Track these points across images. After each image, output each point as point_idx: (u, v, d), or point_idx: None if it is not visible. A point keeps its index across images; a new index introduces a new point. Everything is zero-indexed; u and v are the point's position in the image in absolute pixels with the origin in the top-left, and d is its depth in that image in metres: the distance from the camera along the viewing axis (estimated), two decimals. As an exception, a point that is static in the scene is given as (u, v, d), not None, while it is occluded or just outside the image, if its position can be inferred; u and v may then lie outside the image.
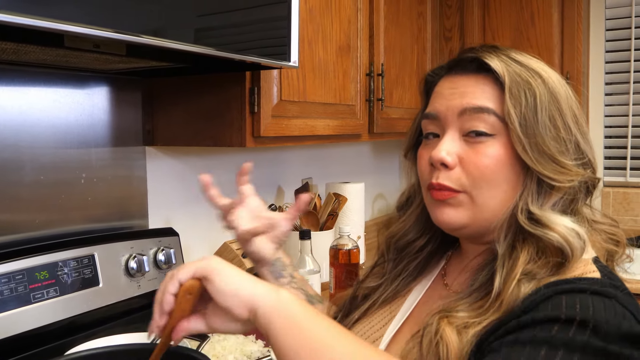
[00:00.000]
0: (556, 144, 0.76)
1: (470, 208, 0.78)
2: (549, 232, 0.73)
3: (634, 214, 2.63)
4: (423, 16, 2.23)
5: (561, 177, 0.75)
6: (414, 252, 0.91)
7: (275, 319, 0.64)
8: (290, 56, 1.25)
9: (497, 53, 0.80)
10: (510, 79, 0.77)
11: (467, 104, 0.78)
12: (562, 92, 0.79)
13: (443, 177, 0.78)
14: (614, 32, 2.67)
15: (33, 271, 1.14)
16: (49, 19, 0.76)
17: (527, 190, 0.76)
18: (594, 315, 0.63)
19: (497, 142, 0.77)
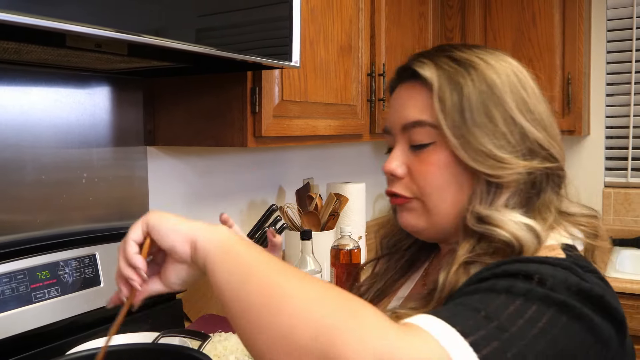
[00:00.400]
0: (493, 139, 0.75)
1: (424, 212, 0.81)
2: (495, 229, 0.73)
3: (635, 214, 2.63)
4: (424, 16, 2.23)
5: (501, 172, 0.74)
6: (402, 250, 0.94)
7: (213, 249, 0.65)
8: (292, 56, 1.25)
9: (435, 56, 0.81)
10: (439, 84, 0.77)
11: (405, 120, 0.81)
12: (504, 82, 0.77)
13: (395, 186, 0.83)
14: (615, 32, 2.67)
15: (34, 271, 1.14)
16: (50, 19, 0.76)
17: (476, 191, 0.77)
18: (541, 270, 0.63)
19: (437, 148, 0.78)
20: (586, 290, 0.62)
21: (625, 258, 2.42)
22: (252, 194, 1.94)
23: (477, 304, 0.60)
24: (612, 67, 2.68)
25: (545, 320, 0.58)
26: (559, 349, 0.58)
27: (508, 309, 0.59)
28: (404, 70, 0.84)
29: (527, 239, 0.72)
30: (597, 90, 2.69)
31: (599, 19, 2.66)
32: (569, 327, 0.59)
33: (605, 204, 2.68)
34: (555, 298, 0.60)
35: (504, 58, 0.81)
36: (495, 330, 0.56)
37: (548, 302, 0.60)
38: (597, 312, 0.62)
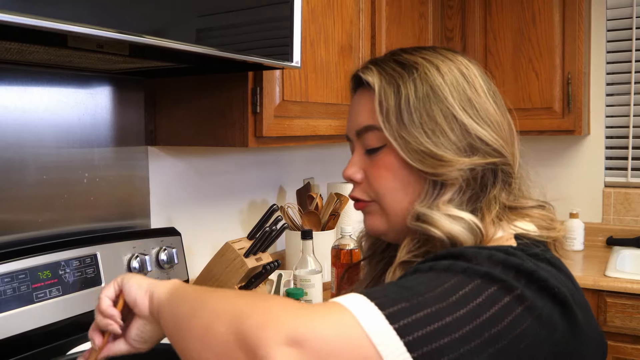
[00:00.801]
0: (433, 137, 0.76)
1: (383, 214, 0.83)
2: (427, 226, 0.74)
3: (635, 214, 2.63)
4: (425, 16, 2.23)
5: (442, 170, 0.75)
6: (379, 252, 0.95)
7: (164, 295, 0.72)
8: (293, 56, 1.25)
9: (384, 61, 0.82)
10: (380, 88, 0.79)
11: (357, 126, 0.83)
12: (446, 81, 0.78)
13: (355, 191, 0.85)
14: (615, 32, 2.67)
15: (36, 271, 1.15)
16: (53, 20, 0.76)
17: (423, 190, 0.78)
18: (465, 251, 0.65)
19: (388, 151, 0.80)
20: (514, 264, 0.62)
21: (625, 258, 2.42)
22: (253, 193, 1.95)
23: (399, 282, 0.63)
24: (612, 67, 2.68)
25: (469, 289, 0.59)
26: (483, 318, 0.57)
27: (429, 281, 0.60)
28: (354, 77, 0.86)
29: (462, 233, 0.72)
30: (597, 90, 2.69)
31: (599, 19, 2.66)
32: (494, 297, 0.59)
33: (605, 203, 2.68)
34: (478, 270, 0.61)
35: (454, 57, 0.81)
36: (415, 303, 0.57)
37: (470, 274, 0.61)
38: (528, 286, 0.61)
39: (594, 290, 2.05)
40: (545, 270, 0.65)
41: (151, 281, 0.77)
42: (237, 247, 1.53)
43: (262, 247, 1.56)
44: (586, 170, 2.72)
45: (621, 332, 2.03)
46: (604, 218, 2.69)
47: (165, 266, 1.40)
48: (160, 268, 1.40)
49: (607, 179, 2.72)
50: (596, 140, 2.71)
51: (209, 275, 1.54)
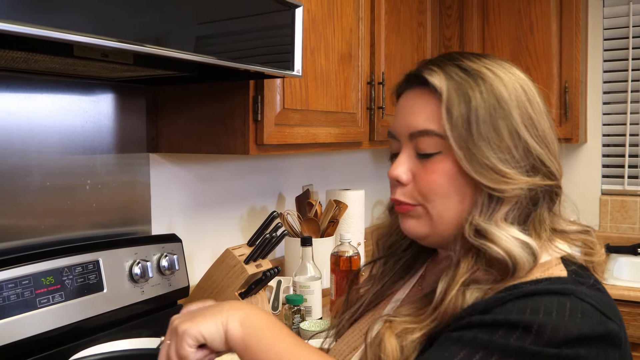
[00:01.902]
0: (498, 152, 0.75)
1: (428, 219, 0.81)
2: (490, 244, 0.73)
3: (631, 221, 2.65)
4: (423, 25, 2.25)
5: (504, 186, 0.75)
6: (400, 252, 0.94)
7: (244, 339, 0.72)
8: (294, 65, 1.27)
9: (445, 65, 0.80)
10: (448, 94, 0.77)
11: (413, 129, 0.81)
12: (511, 96, 0.78)
13: (399, 193, 0.83)
14: (611, 41, 2.69)
15: (39, 276, 1.16)
16: (59, 30, 0.78)
17: (477, 202, 0.77)
18: (541, 320, 0.65)
19: (443, 158, 0.79)
20: (593, 335, 0.66)
21: (622, 265, 2.44)
22: (253, 200, 1.96)
23: None
24: (608, 75, 2.71)
25: None
26: None
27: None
28: (414, 77, 0.83)
29: (522, 257, 0.72)
30: (594, 98, 2.71)
31: (596, 28, 2.69)
32: None
33: (602, 211, 2.70)
34: (547, 353, 0.64)
35: (512, 70, 0.81)
36: None
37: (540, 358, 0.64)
38: (604, 347, 0.66)
39: (591, 297, 2.06)
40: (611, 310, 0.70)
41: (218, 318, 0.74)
42: (237, 253, 1.54)
43: (262, 253, 1.57)
44: (583, 178, 2.74)
45: (618, 339, 2.04)
46: (601, 225, 2.70)
47: (166, 272, 1.41)
48: (161, 274, 1.41)
49: (604, 187, 2.74)
50: (593, 148, 2.74)
51: (210, 281, 1.55)
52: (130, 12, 0.90)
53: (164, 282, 1.41)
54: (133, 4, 0.90)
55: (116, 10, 0.87)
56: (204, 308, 0.77)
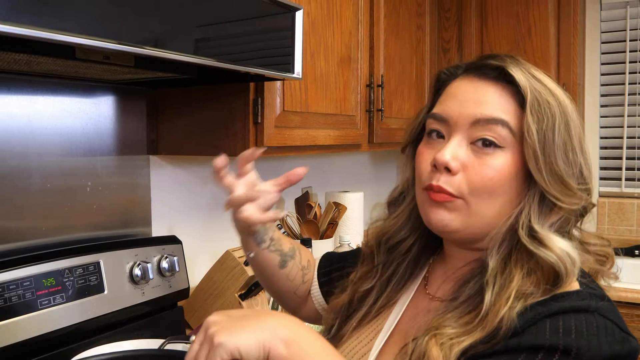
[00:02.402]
0: (566, 166, 0.76)
1: (465, 214, 0.78)
2: (548, 252, 0.73)
3: (628, 224, 2.66)
4: (422, 28, 2.26)
5: (567, 199, 0.76)
6: (403, 253, 0.91)
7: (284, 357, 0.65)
8: (294, 68, 1.27)
9: (520, 66, 0.79)
10: (532, 95, 0.76)
11: (481, 115, 0.77)
12: (573, 116, 0.79)
13: (444, 181, 0.77)
14: (609, 44, 2.71)
15: (40, 278, 1.16)
16: (61, 32, 0.78)
17: (529, 205, 0.76)
18: (577, 341, 0.66)
19: (504, 155, 0.77)
20: (617, 354, 0.68)
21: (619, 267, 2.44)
22: (252, 202, 1.96)
23: None
24: (606, 78, 2.72)
25: None
26: None
27: None
28: (492, 68, 0.80)
29: (570, 269, 0.73)
30: (592, 101, 2.73)
31: (593, 32, 2.70)
32: None
33: (599, 213, 2.71)
34: None
35: (563, 91, 0.82)
36: None
37: None
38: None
39: (589, 299, 2.07)
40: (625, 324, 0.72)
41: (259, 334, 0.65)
42: (237, 255, 1.55)
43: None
44: (581, 180, 2.75)
45: (616, 341, 2.06)
46: (599, 228, 2.71)
47: (167, 274, 1.42)
48: (161, 276, 1.41)
49: (601, 189, 2.75)
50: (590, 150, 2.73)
51: (210, 282, 1.56)
52: (132, 15, 0.91)
53: (164, 283, 1.42)
54: (135, 6, 0.91)
55: (118, 12, 0.88)
56: (243, 316, 0.68)
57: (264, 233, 1.01)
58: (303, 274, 1.09)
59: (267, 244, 1.02)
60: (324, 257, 1.14)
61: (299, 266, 1.08)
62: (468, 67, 0.83)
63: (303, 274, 1.09)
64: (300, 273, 1.09)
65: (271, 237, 1.02)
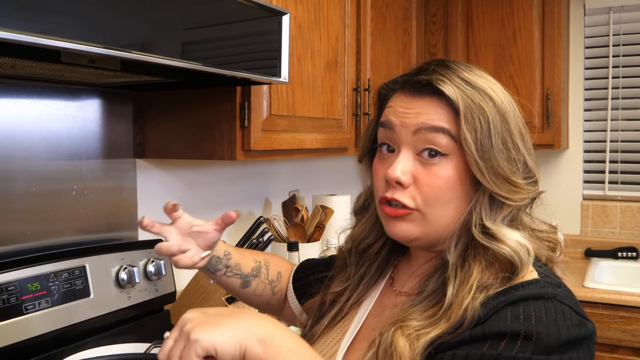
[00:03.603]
0: (509, 164, 0.79)
1: (422, 224, 0.82)
2: (502, 245, 0.77)
3: (611, 226, 2.69)
4: (408, 32, 2.28)
5: (515, 195, 0.79)
6: (374, 255, 0.95)
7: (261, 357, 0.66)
8: (281, 72, 1.28)
9: (449, 75, 0.81)
10: (464, 104, 0.78)
11: (422, 123, 0.80)
12: (510, 111, 0.81)
13: (400, 194, 0.81)
14: (592, 49, 2.74)
15: (25, 282, 1.15)
16: (47, 36, 0.78)
17: (480, 205, 0.80)
18: (537, 326, 0.69)
19: (449, 163, 0.80)
20: (575, 337, 0.71)
21: (602, 269, 2.48)
22: (239, 206, 1.96)
23: None
24: (589, 83, 2.76)
25: None
26: None
27: None
28: (423, 85, 0.82)
29: (524, 260, 0.77)
30: (576, 105, 2.76)
31: (577, 37, 2.73)
32: None
33: (583, 215, 2.74)
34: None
35: (498, 84, 0.84)
36: None
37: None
38: (584, 348, 0.72)
39: (573, 301, 2.10)
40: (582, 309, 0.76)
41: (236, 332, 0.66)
42: (224, 258, 1.54)
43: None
44: (565, 184, 2.78)
45: (599, 342, 2.08)
46: (582, 230, 2.75)
47: (153, 278, 1.41)
48: (148, 280, 1.41)
49: (585, 192, 2.78)
50: (575, 154, 2.78)
51: (196, 286, 1.55)
52: (118, 19, 0.91)
53: (150, 287, 1.41)
54: (120, 10, 0.91)
55: (104, 16, 0.88)
56: (220, 314, 0.68)
57: (216, 264, 1.04)
58: (272, 287, 1.12)
59: (223, 271, 1.05)
60: (300, 265, 1.18)
61: (265, 282, 1.11)
62: (402, 84, 0.86)
63: (272, 287, 1.12)
64: (268, 287, 1.12)
65: (226, 265, 1.05)
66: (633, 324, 2.03)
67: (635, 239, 2.64)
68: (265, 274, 1.12)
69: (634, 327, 2.03)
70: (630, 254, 2.53)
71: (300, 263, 1.19)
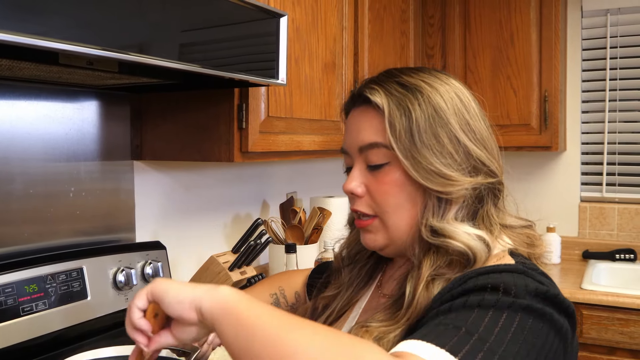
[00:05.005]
0: (441, 158, 0.81)
1: (384, 231, 0.87)
2: (450, 240, 0.79)
3: (609, 228, 2.70)
4: (406, 35, 2.28)
5: (450, 188, 0.81)
6: (364, 259, 0.99)
7: (217, 313, 0.68)
8: (279, 74, 1.28)
9: (385, 82, 0.86)
10: (389, 109, 0.83)
11: (361, 142, 0.86)
12: (448, 104, 0.84)
13: (358, 204, 0.88)
14: (590, 52, 2.75)
15: (22, 284, 1.15)
16: (44, 38, 0.78)
17: (428, 206, 0.83)
18: (504, 280, 0.70)
19: (392, 168, 0.84)
20: (544, 292, 0.71)
21: (600, 271, 2.48)
22: (237, 208, 1.96)
23: (457, 322, 0.67)
24: (587, 85, 2.76)
25: (516, 324, 0.66)
26: (530, 347, 0.66)
27: (484, 321, 0.66)
28: (357, 96, 0.88)
29: (478, 248, 0.78)
30: (573, 107, 2.76)
31: (575, 39, 2.74)
32: (535, 326, 0.67)
33: (581, 217, 2.75)
34: (521, 303, 0.68)
35: (448, 81, 0.87)
36: (477, 343, 0.64)
37: (515, 308, 0.68)
38: (555, 309, 0.70)
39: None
40: (555, 287, 0.74)
41: (190, 291, 0.71)
42: (222, 260, 1.55)
43: (247, 260, 1.57)
44: (563, 186, 2.78)
45: (596, 344, 2.08)
46: (580, 232, 2.75)
47: (151, 279, 1.41)
48: (145, 282, 1.41)
49: (582, 194, 2.78)
50: (572, 156, 2.78)
51: (194, 288, 1.55)
52: (116, 20, 0.91)
53: (148, 289, 1.41)
54: (118, 12, 0.91)
55: (102, 18, 0.88)
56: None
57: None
58: (294, 309, 1.16)
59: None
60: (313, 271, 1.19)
61: (287, 309, 1.14)
62: (349, 101, 0.92)
63: (294, 309, 1.16)
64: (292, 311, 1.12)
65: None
66: (631, 326, 2.03)
67: (633, 240, 2.64)
68: (285, 302, 1.16)
69: (631, 329, 2.03)
70: (628, 256, 2.54)
71: (313, 270, 1.21)
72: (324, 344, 0.61)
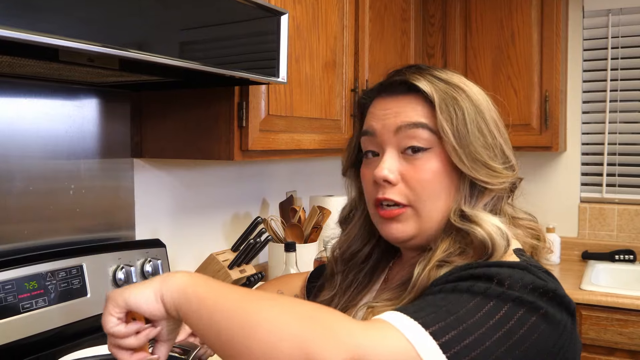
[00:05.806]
0: (486, 150, 0.82)
1: (417, 221, 0.84)
2: (475, 227, 0.78)
3: (609, 229, 2.70)
4: (407, 34, 2.28)
5: (494, 180, 0.82)
6: (361, 262, 0.97)
7: (177, 299, 0.69)
8: (279, 72, 1.28)
9: (422, 74, 0.86)
10: (439, 96, 0.82)
11: (401, 122, 0.83)
12: (483, 103, 0.85)
13: (390, 192, 0.83)
14: (591, 52, 2.74)
15: (22, 281, 1.15)
16: (45, 34, 0.78)
17: (461, 194, 0.83)
18: (500, 273, 0.70)
19: (433, 156, 0.82)
20: (540, 286, 0.70)
21: (600, 272, 2.48)
22: (237, 206, 1.96)
23: (440, 302, 0.67)
24: (588, 85, 2.76)
25: (502, 313, 0.66)
26: (515, 337, 0.65)
27: (467, 305, 0.66)
28: (399, 83, 0.86)
29: (499, 242, 0.78)
30: (574, 107, 2.76)
31: (576, 39, 2.74)
32: (524, 318, 0.66)
33: (581, 218, 2.75)
34: (510, 295, 0.67)
35: (470, 81, 0.88)
36: (454, 322, 0.64)
37: (504, 299, 0.67)
38: (551, 305, 0.69)
39: (570, 303, 2.10)
40: (555, 283, 0.74)
41: (150, 286, 0.71)
42: (221, 258, 1.55)
43: (246, 259, 1.57)
44: (562, 186, 2.78)
45: (596, 344, 2.08)
46: (580, 233, 2.75)
47: (150, 277, 1.41)
48: (145, 279, 1.41)
49: (582, 195, 2.78)
50: (572, 156, 2.78)
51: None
52: (117, 18, 0.91)
53: (147, 287, 1.41)
54: (120, 9, 0.91)
55: (103, 15, 0.88)
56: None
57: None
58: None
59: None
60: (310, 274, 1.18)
61: None
62: (379, 89, 0.90)
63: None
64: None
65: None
66: (630, 327, 2.03)
67: (632, 241, 2.64)
68: None
69: (630, 330, 2.03)
70: (628, 256, 2.54)
71: (311, 273, 1.19)
72: (288, 311, 0.62)
